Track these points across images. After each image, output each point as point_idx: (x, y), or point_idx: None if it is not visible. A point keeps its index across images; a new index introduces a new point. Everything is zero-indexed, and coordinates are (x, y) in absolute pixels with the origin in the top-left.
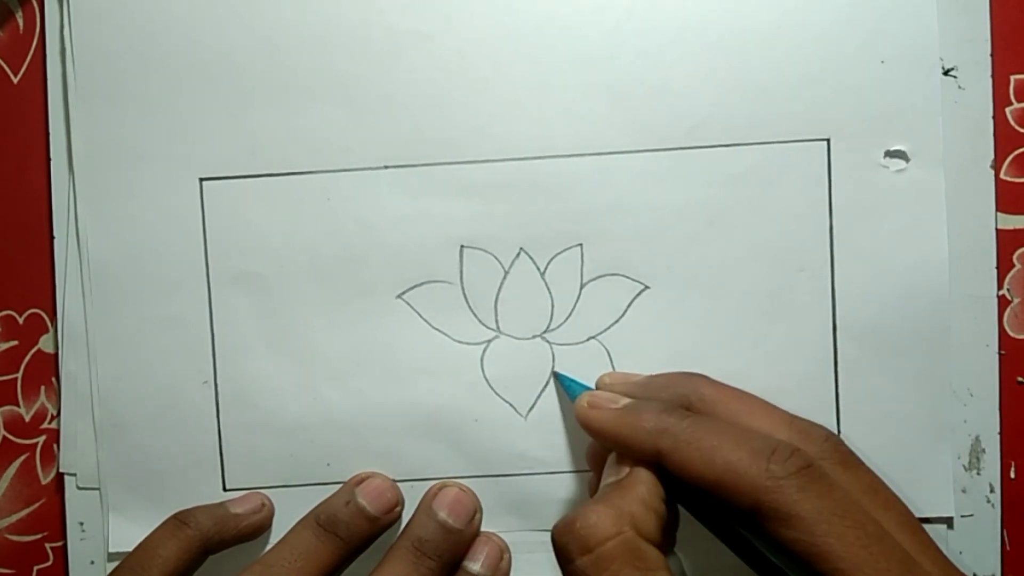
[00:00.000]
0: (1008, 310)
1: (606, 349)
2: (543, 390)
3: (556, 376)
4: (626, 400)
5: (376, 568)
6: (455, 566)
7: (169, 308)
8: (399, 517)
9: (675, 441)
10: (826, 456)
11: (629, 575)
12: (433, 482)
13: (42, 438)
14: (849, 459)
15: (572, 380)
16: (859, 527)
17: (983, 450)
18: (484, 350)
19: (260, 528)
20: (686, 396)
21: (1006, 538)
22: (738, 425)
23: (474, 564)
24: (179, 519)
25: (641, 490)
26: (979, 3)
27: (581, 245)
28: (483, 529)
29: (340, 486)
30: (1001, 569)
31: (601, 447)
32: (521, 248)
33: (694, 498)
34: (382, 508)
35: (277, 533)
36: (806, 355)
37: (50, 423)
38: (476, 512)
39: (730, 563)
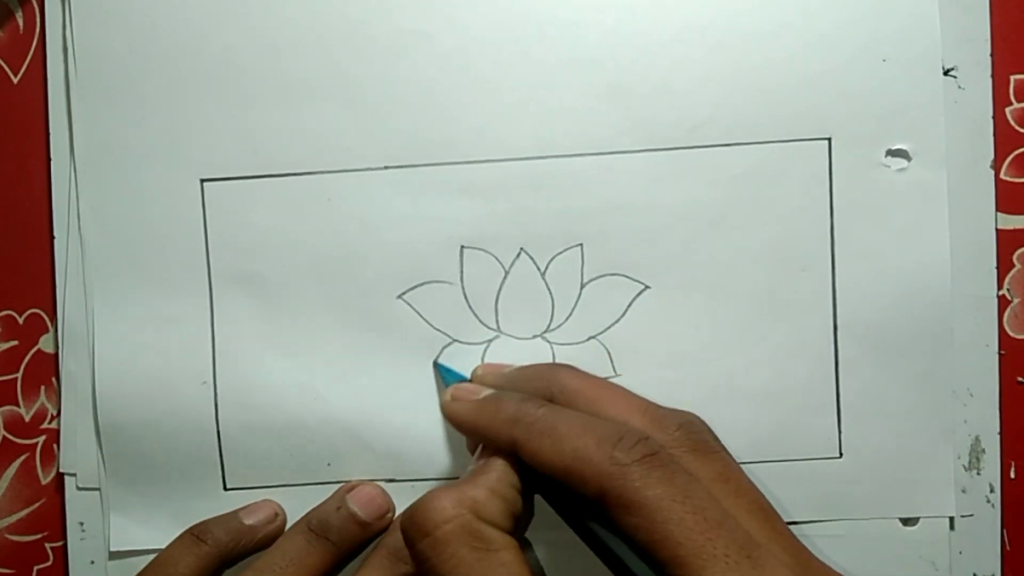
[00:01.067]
0: (1008, 310)
1: (606, 349)
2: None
3: (435, 366)
4: (487, 391)
5: (357, 571)
6: None
7: (169, 308)
8: (390, 523)
9: (528, 430)
10: (678, 444)
11: (467, 555)
12: (433, 483)
13: (42, 438)
14: (702, 446)
15: (449, 370)
16: (699, 512)
17: (983, 450)
18: (485, 350)
19: (274, 539)
20: (548, 388)
21: (1006, 538)
22: (591, 414)
23: None
24: (195, 535)
25: (491, 477)
26: (979, 3)
27: (581, 245)
28: None
29: (333, 492)
30: (1001, 569)
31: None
32: (521, 248)
33: (548, 488)
34: (373, 514)
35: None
36: (807, 355)
37: (50, 423)
38: None
39: (589, 561)
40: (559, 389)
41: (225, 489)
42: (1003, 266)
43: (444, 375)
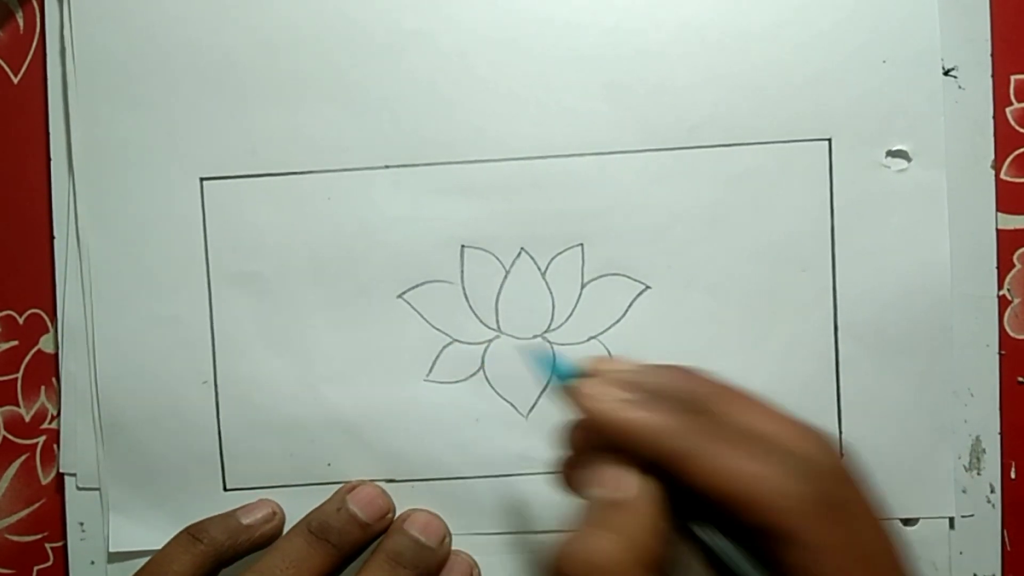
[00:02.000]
0: (1008, 310)
1: (607, 349)
2: (544, 390)
3: (529, 354)
4: (628, 395)
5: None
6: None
7: (169, 308)
8: (390, 524)
9: (692, 447)
10: (839, 470)
11: None
12: (433, 482)
13: (42, 438)
14: (859, 472)
15: (552, 360)
16: (868, 561)
17: (983, 450)
18: (485, 350)
19: (272, 537)
20: (693, 393)
21: (1006, 538)
22: (758, 434)
23: None
24: (191, 534)
25: (652, 515)
26: (979, 3)
27: (582, 245)
28: (485, 529)
29: (333, 493)
30: (1001, 569)
31: (586, 433)
32: (522, 248)
33: (693, 510)
34: (373, 515)
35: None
36: (807, 355)
37: (50, 423)
38: (446, 536)
39: None
40: (705, 397)
41: (225, 489)
42: (1003, 266)
43: (548, 366)
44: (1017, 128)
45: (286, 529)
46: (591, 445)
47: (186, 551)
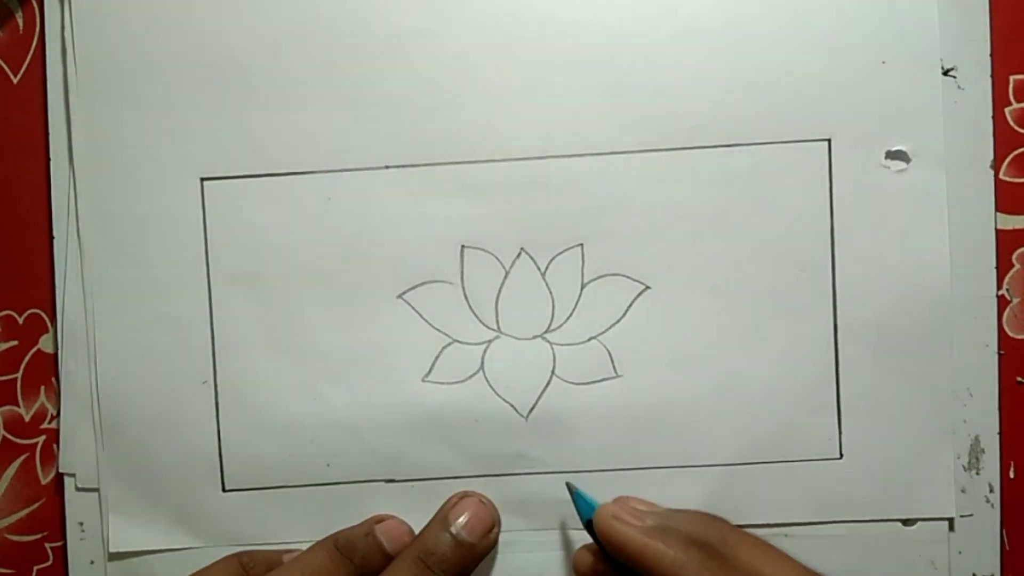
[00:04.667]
0: (1008, 310)
1: (607, 349)
2: (543, 390)
3: (570, 488)
4: (651, 521)
5: None
6: None
7: (169, 308)
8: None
9: None
10: None
11: None
12: (433, 482)
13: (42, 438)
14: None
15: (582, 496)
16: None
17: (983, 450)
18: (485, 350)
19: None
20: (707, 535)
21: (1006, 538)
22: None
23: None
24: (243, 564)
25: None
26: (979, 3)
27: (582, 245)
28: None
29: (361, 521)
30: (1001, 569)
31: (594, 565)
32: (522, 248)
33: None
34: (398, 548)
35: (276, 535)
36: (807, 355)
37: (50, 423)
38: (493, 527)
39: None
40: (720, 540)
41: (224, 490)
42: (1003, 266)
43: (579, 501)
44: (1016, 128)
45: (291, 523)
46: None
47: None
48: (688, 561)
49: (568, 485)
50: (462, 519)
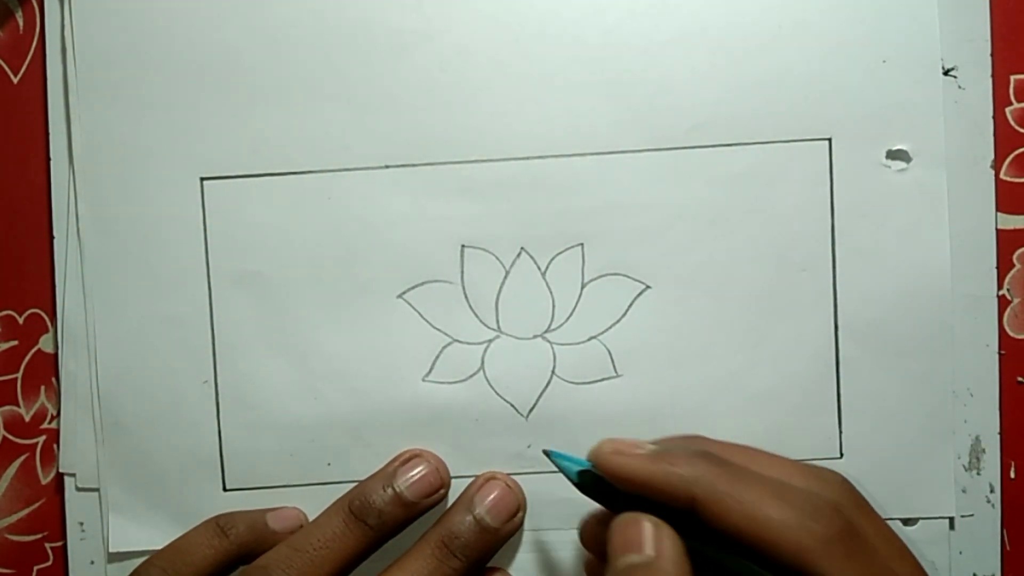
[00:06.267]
0: (1008, 310)
1: (607, 349)
2: (544, 390)
3: (547, 454)
4: (651, 447)
5: (399, 559)
6: (483, 565)
7: (169, 308)
8: (443, 499)
9: (712, 490)
10: (845, 503)
11: None
12: None
13: (42, 438)
14: (863, 504)
15: (567, 457)
16: None
17: (983, 450)
18: (485, 350)
19: None
20: (703, 447)
21: (1006, 538)
22: (776, 479)
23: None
24: (220, 525)
25: (675, 566)
26: (979, 3)
27: (582, 245)
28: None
29: (383, 465)
30: (1001, 569)
31: (598, 524)
32: (522, 248)
33: (716, 549)
34: (422, 493)
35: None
36: (807, 355)
37: (50, 423)
38: (519, 511)
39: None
40: (724, 451)
41: (225, 490)
42: (1003, 266)
43: (561, 462)
44: (1017, 128)
45: None
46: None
47: (210, 544)
48: (699, 474)
49: (545, 452)
50: (487, 503)
